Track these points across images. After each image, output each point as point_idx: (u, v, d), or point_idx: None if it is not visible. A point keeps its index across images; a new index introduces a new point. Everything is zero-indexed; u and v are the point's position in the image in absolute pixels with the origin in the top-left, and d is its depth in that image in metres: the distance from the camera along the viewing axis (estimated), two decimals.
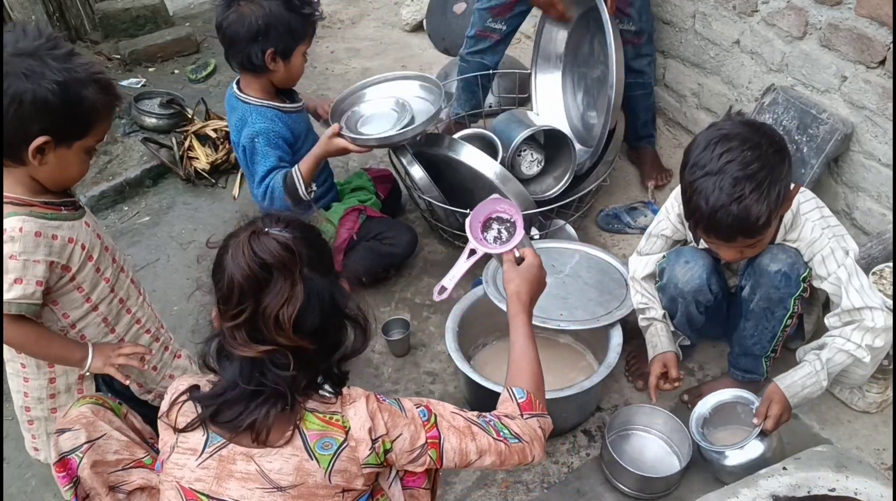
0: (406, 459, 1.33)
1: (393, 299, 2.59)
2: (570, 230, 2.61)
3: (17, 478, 2.15)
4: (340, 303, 1.26)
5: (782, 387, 1.83)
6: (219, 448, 1.26)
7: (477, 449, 1.36)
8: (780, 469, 1.62)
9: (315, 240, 1.28)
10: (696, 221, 1.68)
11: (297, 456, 1.24)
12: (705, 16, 2.78)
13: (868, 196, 2.40)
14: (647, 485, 1.91)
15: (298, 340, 1.19)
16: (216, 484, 1.25)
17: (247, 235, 1.19)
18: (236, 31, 2.20)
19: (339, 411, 1.28)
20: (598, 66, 2.79)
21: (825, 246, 1.79)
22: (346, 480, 1.26)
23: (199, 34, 4.32)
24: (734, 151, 1.60)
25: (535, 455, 1.42)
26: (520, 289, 1.56)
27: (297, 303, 1.17)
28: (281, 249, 1.17)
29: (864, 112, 2.31)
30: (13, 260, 1.47)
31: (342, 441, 1.26)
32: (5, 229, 1.46)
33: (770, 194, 1.59)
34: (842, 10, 2.26)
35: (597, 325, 2.08)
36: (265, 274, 1.17)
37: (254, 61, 2.25)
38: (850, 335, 1.80)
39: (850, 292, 1.77)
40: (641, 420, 2.06)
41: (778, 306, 1.89)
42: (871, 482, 1.56)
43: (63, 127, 1.43)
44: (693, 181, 1.65)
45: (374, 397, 1.32)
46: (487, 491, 1.99)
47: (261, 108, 2.33)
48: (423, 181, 2.56)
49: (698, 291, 1.95)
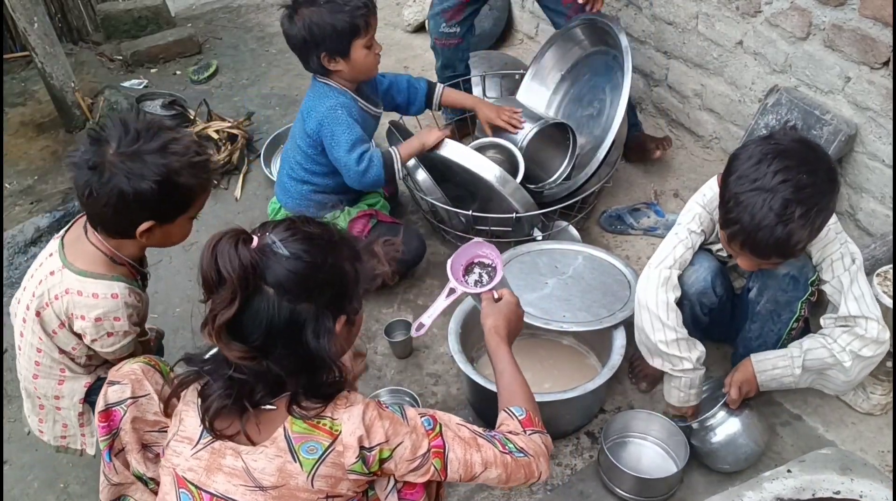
0: (406, 468, 1.31)
1: (395, 301, 2.58)
2: (573, 232, 2.60)
3: (19, 480, 2.14)
4: (304, 334, 1.22)
5: (754, 361, 1.86)
6: (212, 441, 1.27)
7: (482, 461, 1.35)
8: (785, 471, 1.61)
9: (312, 265, 1.22)
10: (735, 233, 1.64)
11: (280, 458, 1.23)
12: (708, 16, 2.77)
13: (872, 197, 2.40)
14: (645, 488, 1.90)
15: (227, 347, 1.20)
16: (205, 476, 1.27)
17: (217, 238, 1.20)
18: (294, 42, 2.33)
19: (329, 415, 1.26)
20: (594, 104, 2.81)
21: (836, 250, 1.79)
22: (331, 486, 1.26)
23: (201, 35, 4.32)
24: (791, 170, 1.56)
25: (541, 472, 1.41)
26: (497, 324, 1.59)
27: (227, 314, 1.17)
28: (236, 261, 1.17)
29: (868, 113, 2.31)
30: (119, 322, 1.67)
31: (328, 446, 1.24)
32: (116, 292, 1.64)
33: (815, 221, 1.57)
34: (845, 11, 2.26)
35: (600, 327, 2.08)
36: (216, 278, 1.19)
37: (314, 67, 2.36)
38: (837, 335, 1.80)
39: (848, 299, 1.77)
40: (638, 427, 2.06)
41: (785, 309, 1.88)
42: (875, 484, 1.56)
43: (165, 211, 1.61)
44: (740, 193, 1.60)
45: (376, 404, 1.30)
46: (490, 494, 1.98)
47: (339, 89, 2.40)
48: (426, 183, 2.56)
49: (703, 293, 1.94)
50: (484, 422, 2.13)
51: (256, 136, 3.42)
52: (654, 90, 3.20)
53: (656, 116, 3.25)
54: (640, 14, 3.09)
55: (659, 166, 3.03)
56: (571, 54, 2.91)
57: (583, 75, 2.90)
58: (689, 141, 3.11)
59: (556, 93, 2.98)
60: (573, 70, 2.93)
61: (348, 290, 1.29)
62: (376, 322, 2.51)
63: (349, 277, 1.28)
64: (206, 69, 3.98)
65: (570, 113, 2.93)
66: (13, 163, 3.32)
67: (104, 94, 3.51)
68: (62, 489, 2.11)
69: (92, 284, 1.63)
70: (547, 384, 2.19)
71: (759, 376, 1.86)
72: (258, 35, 4.34)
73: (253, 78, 3.91)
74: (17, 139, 3.48)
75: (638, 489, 1.89)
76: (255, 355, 1.21)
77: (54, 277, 1.65)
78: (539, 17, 3.71)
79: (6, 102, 3.70)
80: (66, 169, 1.58)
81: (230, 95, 3.80)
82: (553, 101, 2.99)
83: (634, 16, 3.11)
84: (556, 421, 2.07)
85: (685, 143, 3.12)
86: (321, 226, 1.30)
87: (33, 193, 3.14)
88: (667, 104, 3.17)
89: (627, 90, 2.50)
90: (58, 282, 1.65)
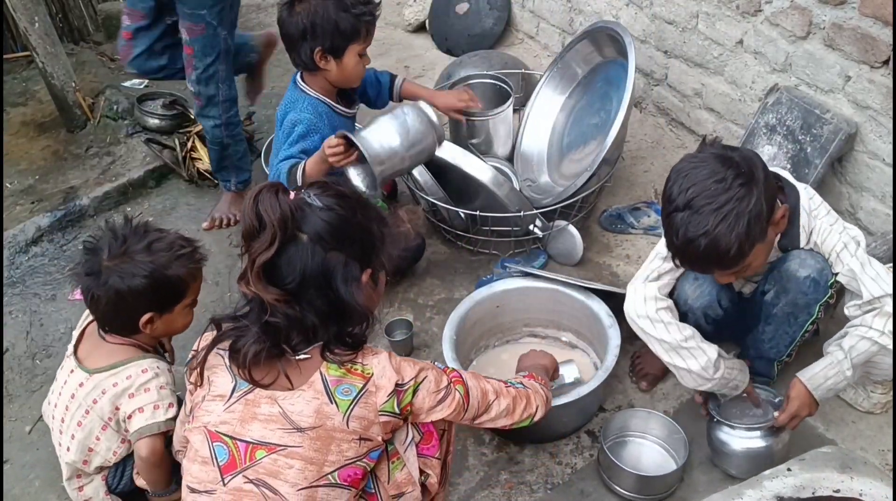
0: (432, 400, 1.43)
1: (396, 300, 2.59)
2: (573, 231, 2.60)
3: (20, 479, 2.15)
4: (335, 280, 1.33)
5: (804, 380, 1.80)
6: (245, 393, 1.35)
7: (493, 389, 1.55)
8: (785, 469, 1.61)
9: (341, 217, 1.34)
10: (673, 254, 1.70)
11: (317, 399, 1.32)
12: (709, 15, 2.77)
13: (872, 196, 2.40)
14: (645, 486, 1.90)
15: (265, 289, 1.29)
16: (239, 426, 1.33)
17: (259, 189, 1.31)
18: (289, 29, 2.28)
19: (360, 361, 1.37)
20: (600, 114, 2.81)
21: (837, 241, 1.78)
22: (364, 427, 1.33)
23: None
24: (700, 184, 1.59)
25: (538, 406, 1.62)
26: (535, 363, 1.89)
27: (267, 255, 1.27)
28: (277, 207, 1.28)
29: (868, 112, 2.31)
30: (164, 390, 1.77)
31: (361, 388, 1.34)
32: (146, 368, 1.76)
33: (737, 225, 1.56)
34: (846, 10, 2.26)
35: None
36: (258, 224, 1.29)
37: (304, 59, 2.30)
38: (871, 322, 1.75)
39: (866, 282, 1.75)
40: (637, 425, 2.06)
41: (803, 312, 1.87)
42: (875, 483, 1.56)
43: (161, 302, 1.73)
44: (666, 216, 1.65)
45: (394, 354, 1.42)
46: (491, 492, 1.99)
47: (315, 100, 2.37)
48: (427, 183, 2.56)
49: (708, 306, 1.94)
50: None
51: (257, 135, 3.42)
52: (655, 89, 3.20)
53: (656, 116, 3.25)
54: (640, 13, 3.09)
55: (660, 166, 3.03)
56: (587, 62, 2.92)
57: (596, 83, 2.90)
58: (689, 140, 3.11)
59: (571, 99, 2.99)
60: (589, 77, 2.94)
61: (375, 246, 1.40)
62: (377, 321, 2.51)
63: (375, 235, 1.40)
64: None
65: (579, 120, 2.94)
66: (14, 162, 3.32)
67: (105, 93, 3.52)
68: (63, 488, 2.11)
69: (123, 370, 1.75)
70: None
71: (816, 392, 1.80)
72: None
73: None
74: (19, 139, 3.48)
75: (638, 487, 1.90)
76: (290, 299, 1.30)
77: (84, 387, 1.75)
78: (539, 17, 3.71)
79: (7, 102, 3.70)
80: (72, 282, 1.81)
81: None
82: (567, 105, 3.00)
83: (635, 15, 3.12)
84: (555, 423, 2.07)
85: (685, 142, 3.12)
86: (350, 189, 1.45)
87: (34, 192, 3.14)
88: (667, 103, 3.17)
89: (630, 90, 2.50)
90: (91, 388, 1.75)
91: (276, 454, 1.31)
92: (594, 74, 2.92)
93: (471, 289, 2.48)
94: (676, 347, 1.87)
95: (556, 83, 2.98)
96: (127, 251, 1.68)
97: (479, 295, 2.26)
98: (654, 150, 3.12)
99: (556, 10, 3.56)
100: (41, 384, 2.39)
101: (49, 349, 2.51)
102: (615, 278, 2.58)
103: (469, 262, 2.70)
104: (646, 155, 3.10)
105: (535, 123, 3.03)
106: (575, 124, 2.96)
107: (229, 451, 1.34)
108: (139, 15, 2.74)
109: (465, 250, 2.71)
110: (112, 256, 1.68)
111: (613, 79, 2.76)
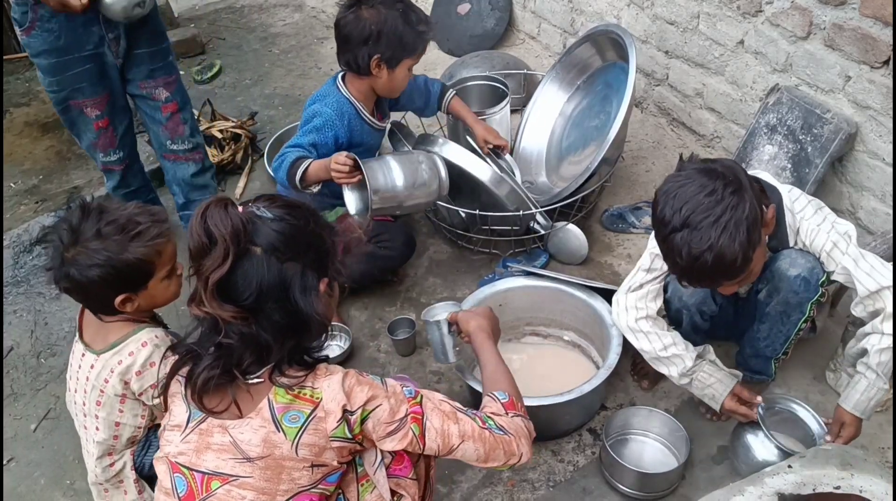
0: (384, 430, 1.35)
1: (398, 299, 2.60)
2: (575, 229, 2.61)
3: (25, 477, 2.16)
4: (293, 291, 1.29)
5: (849, 409, 1.80)
6: (199, 423, 1.32)
7: (459, 433, 1.40)
8: (786, 466, 1.62)
9: (294, 228, 1.30)
10: (680, 275, 1.70)
11: (265, 428, 1.28)
12: (710, 16, 2.78)
13: (872, 196, 2.41)
14: (647, 483, 1.91)
15: (220, 307, 1.24)
16: (195, 456, 1.32)
17: (206, 205, 1.26)
18: (350, 32, 2.27)
19: (310, 385, 1.32)
20: (600, 116, 2.82)
21: (826, 242, 1.78)
22: (315, 454, 1.30)
23: (205, 35, 4.34)
24: (692, 201, 1.60)
25: (522, 452, 1.45)
26: (481, 323, 1.74)
27: (221, 272, 1.23)
28: (227, 221, 1.24)
29: (869, 112, 2.32)
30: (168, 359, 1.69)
31: (309, 414, 1.30)
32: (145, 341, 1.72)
33: (738, 233, 1.58)
34: (846, 10, 2.27)
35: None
36: (208, 241, 1.24)
37: (359, 63, 2.30)
38: (882, 327, 1.75)
39: (861, 277, 1.75)
40: (639, 424, 2.07)
41: (795, 310, 1.88)
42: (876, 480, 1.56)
43: (130, 283, 1.67)
44: (664, 240, 1.66)
45: (354, 372, 1.36)
46: (493, 490, 2.00)
47: (344, 99, 2.38)
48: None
49: (702, 302, 1.96)
50: None
51: (260, 135, 3.44)
52: (656, 89, 3.21)
53: (658, 116, 3.26)
54: (641, 14, 3.10)
55: (661, 166, 3.04)
56: (588, 65, 2.93)
57: (596, 87, 2.91)
58: (690, 140, 3.12)
59: (571, 101, 3.01)
60: (589, 80, 2.95)
61: (329, 254, 1.37)
62: (379, 320, 2.52)
63: (327, 243, 1.37)
64: (209, 69, 3.99)
65: (579, 122, 2.95)
66: (18, 163, 3.34)
67: None
68: (69, 486, 2.12)
69: (123, 348, 1.72)
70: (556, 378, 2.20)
71: (864, 415, 1.81)
72: (261, 35, 4.35)
73: (256, 78, 3.93)
74: (22, 139, 3.50)
75: (640, 484, 1.91)
76: (247, 315, 1.26)
77: (94, 369, 1.74)
78: (541, 18, 3.72)
79: (10, 103, 3.72)
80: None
81: (234, 95, 3.82)
82: (567, 108, 3.01)
83: (636, 15, 3.13)
84: (557, 421, 2.08)
85: (687, 142, 3.13)
86: (297, 200, 1.40)
87: (38, 192, 3.16)
88: (668, 103, 3.18)
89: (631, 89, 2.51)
90: (101, 368, 1.73)
91: (230, 484, 1.30)
92: (595, 78, 2.93)
93: (473, 288, 2.48)
94: (655, 357, 1.95)
95: (557, 86, 2.99)
96: (79, 240, 1.62)
97: (481, 294, 2.27)
98: (655, 150, 3.14)
99: (558, 10, 3.57)
100: (45, 383, 2.41)
101: (54, 347, 2.52)
102: (617, 277, 2.59)
103: (471, 261, 2.71)
104: (647, 155, 3.11)
105: (534, 124, 3.05)
106: (574, 127, 2.97)
107: (187, 482, 1.33)
108: (117, 170, 2.62)
109: (465, 249, 2.72)
110: (66, 246, 1.63)
111: (614, 82, 2.78)
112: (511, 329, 2.35)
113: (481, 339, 1.70)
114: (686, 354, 1.92)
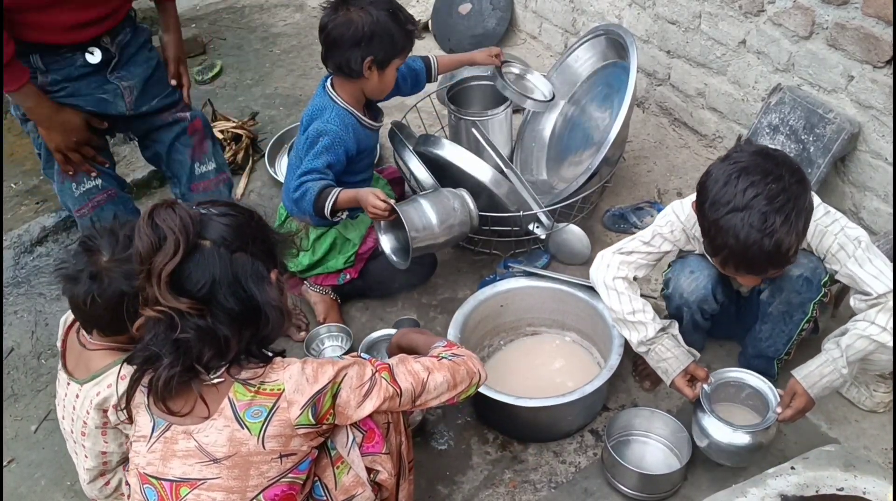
0: (358, 396, 1.41)
1: (399, 299, 2.59)
2: (577, 229, 2.61)
3: (26, 478, 2.16)
4: (246, 280, 1.32)
5: (799, 378, 1.80)
6: (163, 431, 1.34)
7: (424, 367, 1.52)
8: (789, 468, 1.62)
9: (239, 221, 1.35)
10: (726, 258, 1.67)
11: (228, 427, 1.31)
12: (711, 16, 2.78)
13: (875, 195, 2.40)
14: (649, 484, 1.91)
15: (176, 299, 1.26)
16: (162, 466, 1.34)
17: (151, 208, 1.29)
18: (341, 34, 2.22)
19: (269, 379, 1.35)
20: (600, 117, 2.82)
21: (832, 243, 1.78)
22: (282, 445, 1.33)
23: (205, 35, 4.33)
24: (758, 184, 1.58)
25: (478, 369, 1.61)
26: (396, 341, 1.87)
27: (173, 264, 1.25)
28: (176, 217, 1.27)
29: (871, 111, 2.31)
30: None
31: (272, 406, 1.32)
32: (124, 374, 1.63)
33: (797, 223, 1.59)
34: (848, 10, 2.26)
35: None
36: (157, 239, 1.27)
37: (352, 66, 2.25)
38: (874, 317, 1.73)
39: (868, 281, 1.74)
40: (641, 424, 2.06)
41: (797, 311, 1.87)
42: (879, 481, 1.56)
43: None
44: (718, 219, 1.62)
45: (311, 359, 1.41)
46: (495, 491, 1.99)
47: (343, 111, 2.34)
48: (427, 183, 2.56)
49: (703, 300, 1.95)
50: (484, 424, 2.15)
51: (261, 136, 3.43)
52: (658, 89, 3.21)
53: (659, 116, 3.26)
54: (643, 13, 3.09)
55: (662, 166, 3.04)
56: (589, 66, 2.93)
57: (597, 87, 2.91)
58: (692, 140, 3.11)
59: (572, 102, 3.00)
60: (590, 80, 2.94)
61: (275, 247, 1.43)
62: (380, 321, 2.52)
63: (272, 237, 1.43)
64: (210, 69, 3.99)
65: (579, 123, 2.94)
66: (19, 163, 3.33)
67: None
68: (69, 486, 2.12)
69: (102, 379, 1.70)
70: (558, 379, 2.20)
71: (812, 391, 1.79)
72: (262, 35, 4.35)
73: (257, 78, 3.92)
74: (24, 139, 3.49)
75: (642, 485, 1.90)
76: (202, 307, 1.29)
77: (78, 399, 1.73)
78: (542, 17, 3.72)
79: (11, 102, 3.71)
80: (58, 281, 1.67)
81: (235, 95, 3.81)
82: (568, 109, 3.01)
83: (637, 15, 3.12)
84: (559, 422, 2.08)
85: (688, 142, 3.12)
86: (236, 203, 1.46)
87: (39, 192, 3.15)
88: (670, 103, 3.18)
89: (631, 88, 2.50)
90: (83, 399, 1.72)
91: (199, 488, 1.32)
92: (596, 78, 2.93)
93: (474, 288, 2.48)
94: (622, 318, 1.95)
95: (557, 87, 2.98)
96: (117, 251, 1.64)
97: (482, 294, 2.27)
98: (656, 150, 3.13)
99: (559, 10, 3.57)
100: (46, 384, 2.41)
101: (54, 348, 2.52)
102: None
103: (472, 262, 2.71)
104: (648, 155, 3.11)
105: (535, 124, 3.05)
106: (575, 128, 2.96)
107: (157, 492, 1.34)
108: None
109: (467, 249, 2.72)
110: (116, 258, 1.64)
111: (615, 82, 2.77)
112: (512, 330, 2.35)
113: (407, 340, 1.84)
114: (651, 323, 1.92)
